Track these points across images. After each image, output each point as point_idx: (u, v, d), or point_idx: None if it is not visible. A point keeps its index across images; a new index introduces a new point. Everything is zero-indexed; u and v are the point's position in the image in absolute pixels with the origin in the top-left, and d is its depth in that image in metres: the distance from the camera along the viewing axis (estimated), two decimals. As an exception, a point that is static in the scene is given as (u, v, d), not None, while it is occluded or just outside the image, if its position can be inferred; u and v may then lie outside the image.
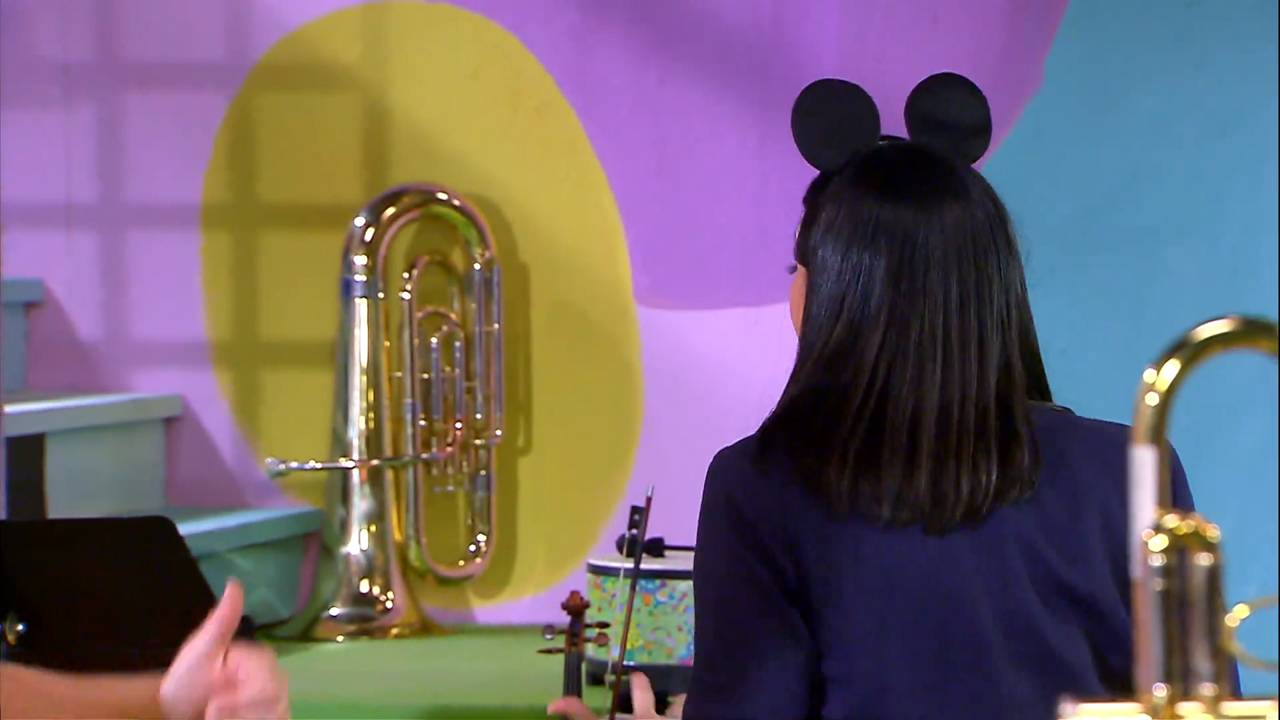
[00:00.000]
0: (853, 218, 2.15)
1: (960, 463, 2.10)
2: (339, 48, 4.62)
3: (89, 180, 4.67)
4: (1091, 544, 2.15)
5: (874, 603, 2.11)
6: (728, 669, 2.13)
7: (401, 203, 4.57)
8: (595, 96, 4.60)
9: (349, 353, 4.55)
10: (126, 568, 2.75)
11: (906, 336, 2.10)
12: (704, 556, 2.20)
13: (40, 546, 2.76)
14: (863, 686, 2.11)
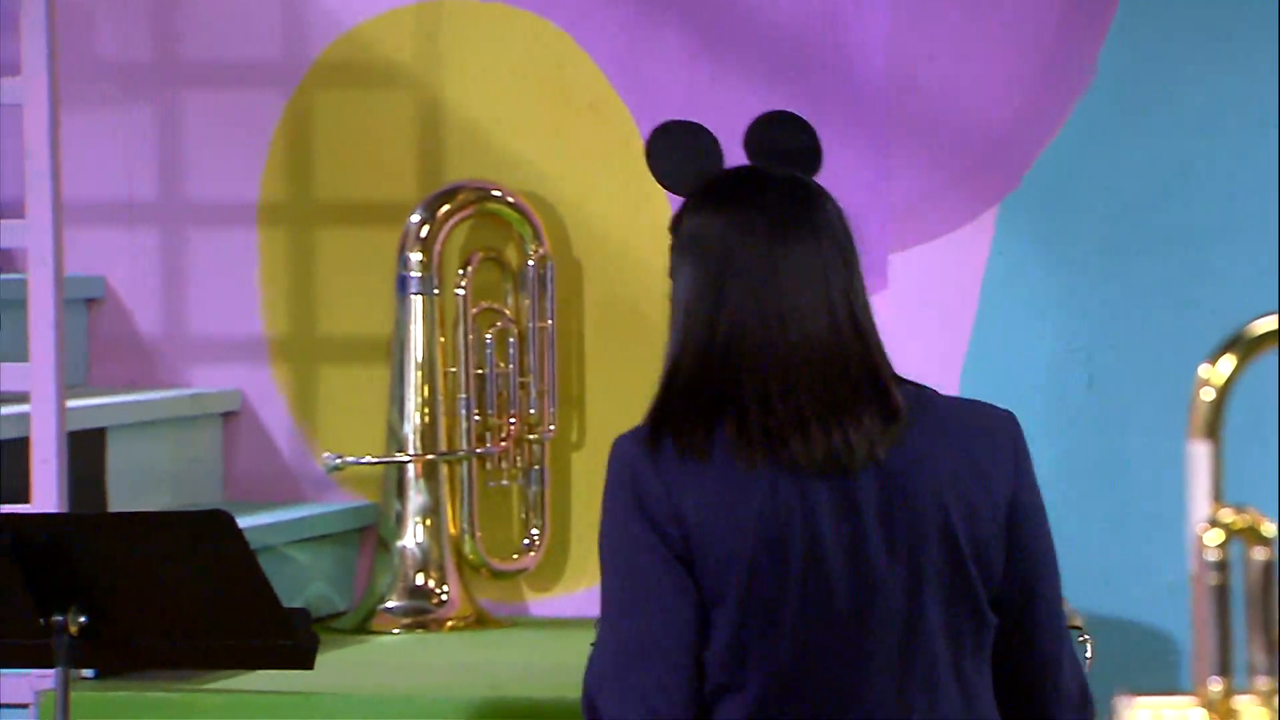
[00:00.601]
0: (696, 231, 2.44)
1: (828, 423, 2.38)
2: (394, 46, 4.65)
3: (149, 178, 4.71)
4: (930, 509, 2.39)
5: (744, 556, 2.39)
6: (627, 625, 2.41)
7: (456, 200, 4.61)
8: (647, 94, 4.63)
9: (404, 348, 4.58)
10: (186, 561, 2.78)
11: (764, 311, 2.37)
12: (607, 530, 2.48)
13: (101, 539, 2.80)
14: (732, 631, 2.39)
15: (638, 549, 2.41)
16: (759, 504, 2.40)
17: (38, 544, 2.75)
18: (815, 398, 2.40)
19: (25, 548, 2.75)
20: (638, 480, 2.44)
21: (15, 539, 2.74)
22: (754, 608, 2.40)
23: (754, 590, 2.40)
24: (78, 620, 2.78)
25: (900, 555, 2.39)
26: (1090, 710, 2.50)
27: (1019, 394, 4.44)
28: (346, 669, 4.10)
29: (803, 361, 2.40)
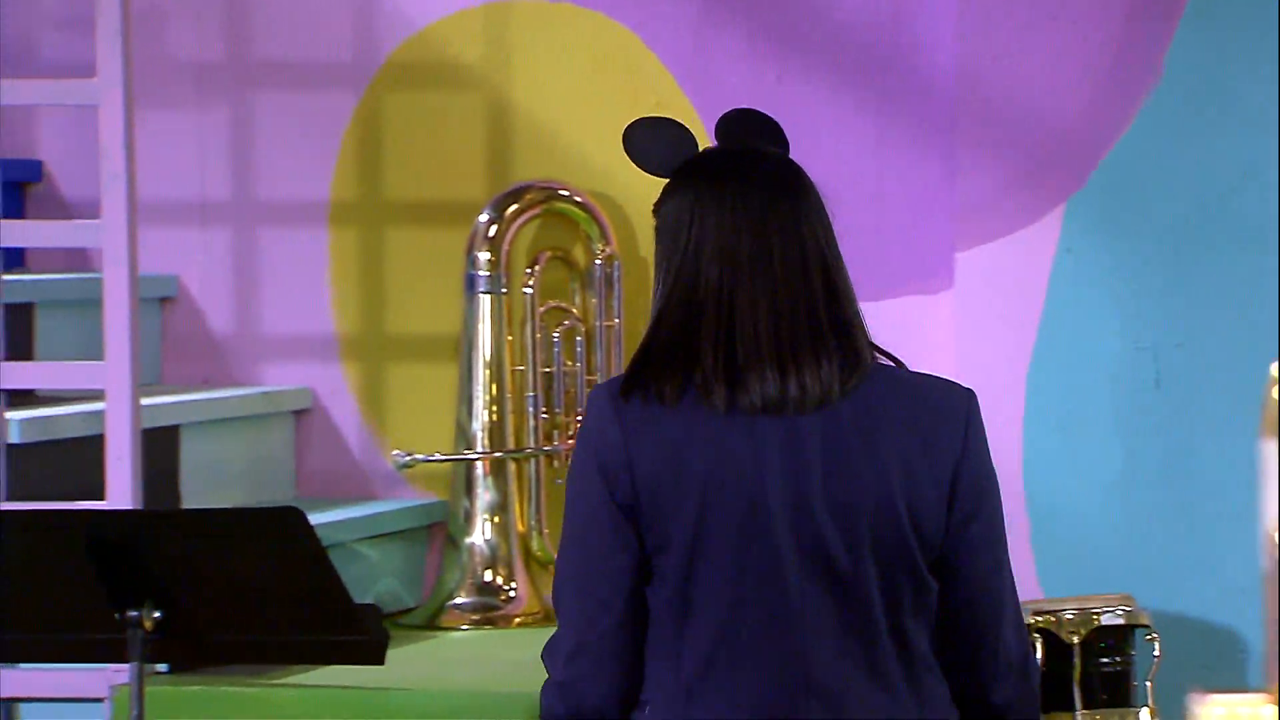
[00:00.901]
0: (680, 200, 2.59)
1: (785, 364, 2.46)
2: (463, 47, 4.68)
3: (222, 178, 4.76)
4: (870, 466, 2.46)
5: (690, 506, 2.48)
6: (568, 568, 2.57)
7: (524, 199, 4.64)
8: (713, 93, 4.65)
9: (473, 347, 4.61)
10: (258, 557, 2.81)
11: (740, 269, 2.48)
12: (571, 474, 2.61)
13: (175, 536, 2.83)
14: (676, 581, 2.50)
15: (587, 497, 2.53)
16: (709, 451, 2.48)
17: (112, 540, 2.78)
18: (775, 337, 2.47)
19: (100, 544, 2.79)
20: (600, 429, 2.52)
21: (90, 535, 2.77)
22: (697, 557, 2.48)
23: (697, 540, 2.48)
24: (152, 615, 2.81)
25: (839, 509, 2.47)
26: (1033, 679, 2.55)
27: (1085, 393, 4.44)
28: (415, 664, 4.13)
29: (769, 305, 2.48)
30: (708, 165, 2.61)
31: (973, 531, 2.52)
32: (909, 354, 4.88)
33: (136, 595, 2.85)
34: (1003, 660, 2.53)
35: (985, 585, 2.53)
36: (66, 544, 2.82)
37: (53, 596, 2.87)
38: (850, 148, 4.61)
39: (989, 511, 2.56)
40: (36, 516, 2.87)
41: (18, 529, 2.85)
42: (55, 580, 2.85)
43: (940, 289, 4.58)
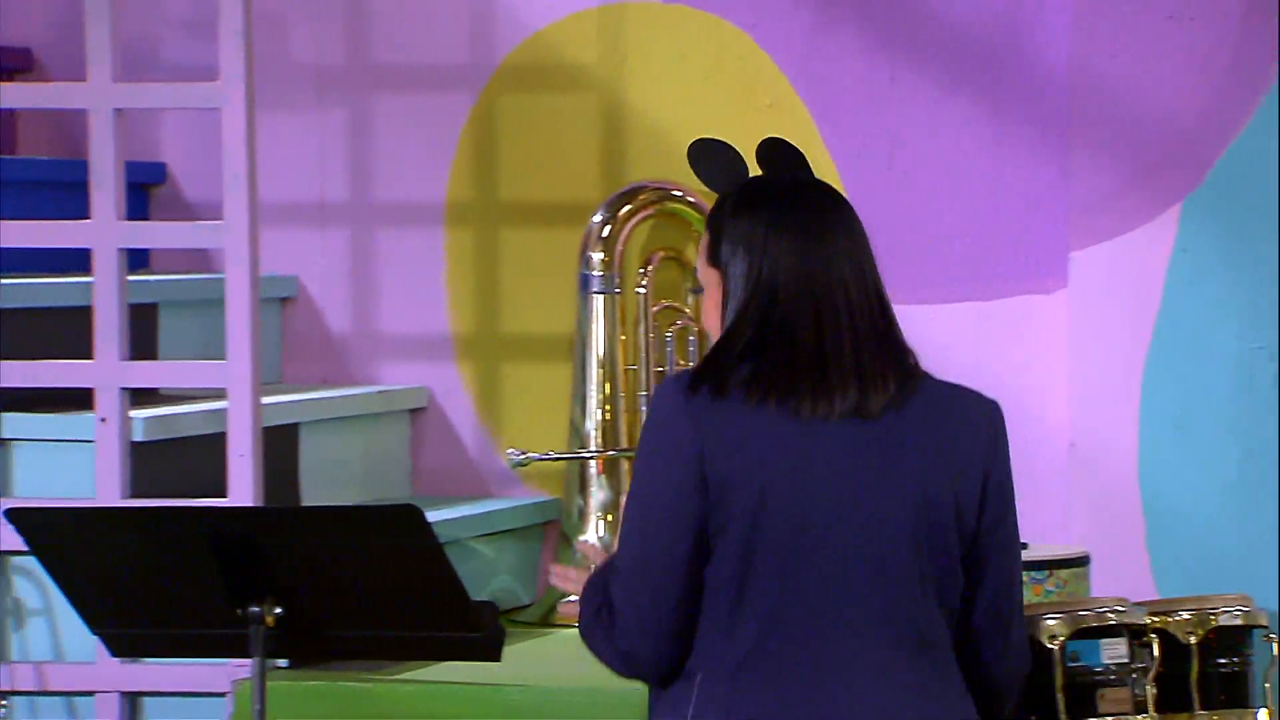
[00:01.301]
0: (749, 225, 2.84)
1: (862, 379, 2.76)
2: (578, 49, 4.70)
3: (340, 180, 4.80)
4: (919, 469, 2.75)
5: (754, 491, 2.71)
6: (631, 551, 2.75)
7: (638, 200, 4.65)
8: (827, 93, 4.65)
9: (587, 346, 4.63)
10: (377, 554, 2.83)
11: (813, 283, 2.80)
12: (637, 456, 2.80)
13: (295, 533, 2.86)
14: (734, 563, 2.72)
15: (657, 481, 2.75)
16: (775, 447, 2.73)
17: (234, 537, 2.81)
18: (855, 355, 2.77)
19: (222, 541, 2.82)
20: (672, 417, 2.75)
21: (213, 532, 2.80)
22: (756, 543, 2.72)
23: (755, 528, 2.72)
24: (273, 611, 2.83)
25: (892, 506, 2.75)
26: (1027, 662, 2.89)
27: (1202, 393, 4.42)
28: (530, 661, 4.15)
29: (846, 325, 2.79)
30: (774, 192, 2.89)
31: (1002, 532, 2.82)
32: (1022, 354, 4.89)
33: (258, 591, 2.88)
34: (1015, 644, 2.85)
35: (1012, 580, 2.83)
36: (190, 541, 2.85)
37: (176, 592, 2.90)
38: (964, 147, 4.60)
39: (1013, 513, 2.87)
40: (160, 514, 2.91)
41: (142, 526, 2.89)
42: (178, 576, 2.89)
43: (1054, 288, 4.57)
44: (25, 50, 4.91)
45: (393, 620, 2.90)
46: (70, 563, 2.89)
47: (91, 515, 2.94)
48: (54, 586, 3.10)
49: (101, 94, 4.06)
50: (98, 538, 2.87)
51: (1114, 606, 3.33)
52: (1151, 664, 3.30)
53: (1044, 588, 3.92)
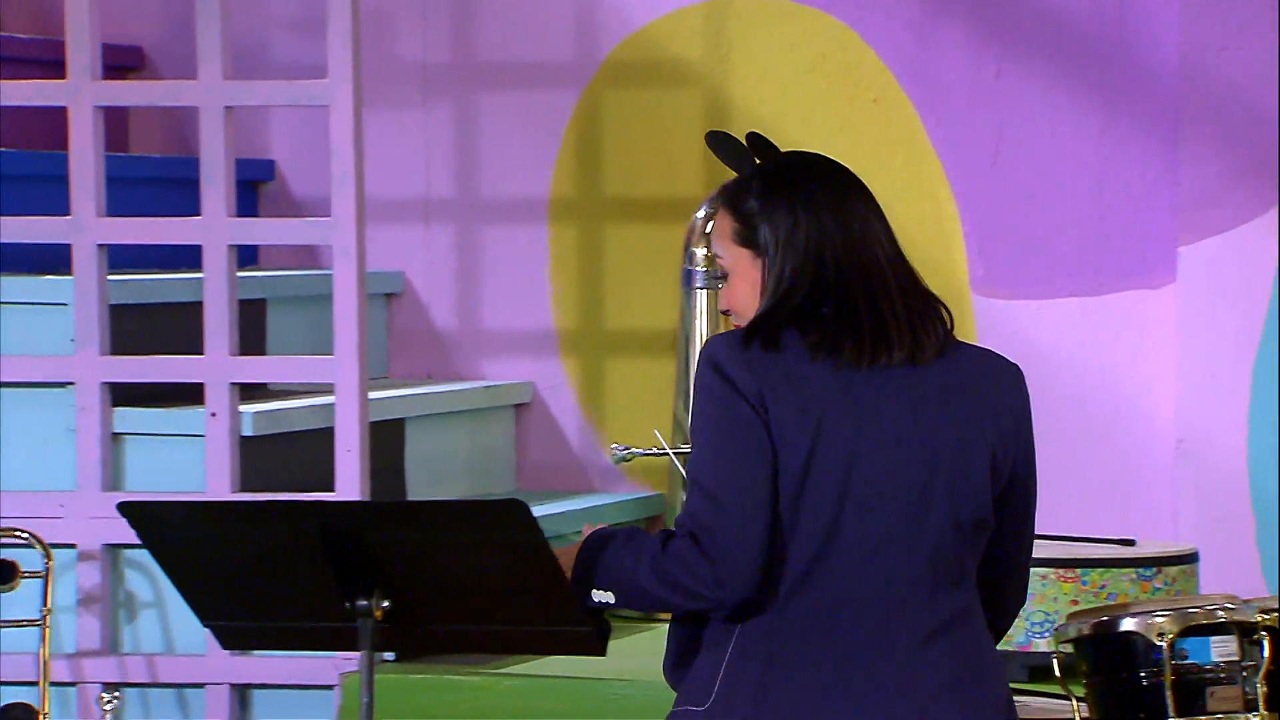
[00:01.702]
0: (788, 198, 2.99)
1: (914, 328, 2.91)
2: (682, 44, 4.71)
3: (445, 176, 4.82)
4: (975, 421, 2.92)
5: (808, 434, 2.87)
6: (716, 476, 2.86)
7: (741, 195, 4.65)
8: (932, 88, 4.64)
9: (690, 341, 4.64)
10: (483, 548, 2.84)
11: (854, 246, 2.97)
12: (699, 405, 2.90)
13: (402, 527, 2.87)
14: (789, 495, 2.86)
15: (733, 427, 2.87)
16: (828, 393, 2.89)
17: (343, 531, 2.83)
18: (905, 308, 2.93)
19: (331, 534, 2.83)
20: (732, 369, 2.88)
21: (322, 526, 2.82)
22: (807, 482, 2.87)
23: (809, 467, 2.87)
24: (380, 605, 2.85)
25: (938, 448, 2.90)
26: (1024, 598, 3.09)
27: (1311, 388, 4.38)
28: (635, 656, 4.16)
29: (892, 281, 2.95)
30: (794, 171, 3.06)
31: (1027, 480, 2.99)
32: (1129, 350, 4.85)
33: (366, 585, 2.89)
34: (1019, 585, 3.04)
35: (1029, 522, 3.02)
36: (299, 535, 2.87)
37: (285, 585, 2.92)
38: (1071, 141, 4.58)
39: (1033, 466, 3.04)
40: (271, 507, 2.92)
41: (253, 520, 2.91)
42: (288, 570, 2.90)
43: (1162, 283, 4.54)
44: (137, 49, 4.96)
45: (498, 614, 2.91)
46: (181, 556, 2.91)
47: (203, 509, 2.97)
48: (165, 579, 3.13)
49: (212, 92, 4.10)
50: (208, 531, 2.89)
51: (1223, 604, 3.31)
52: (1261, 662, 3.28)
53: (1152, 585, 3.90)
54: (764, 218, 2.97)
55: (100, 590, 4.13)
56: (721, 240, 3.01)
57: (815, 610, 2.85)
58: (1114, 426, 4.57)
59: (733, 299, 2.98)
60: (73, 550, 4.13)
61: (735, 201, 3.02)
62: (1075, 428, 4.59)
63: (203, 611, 2.97)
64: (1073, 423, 4.60)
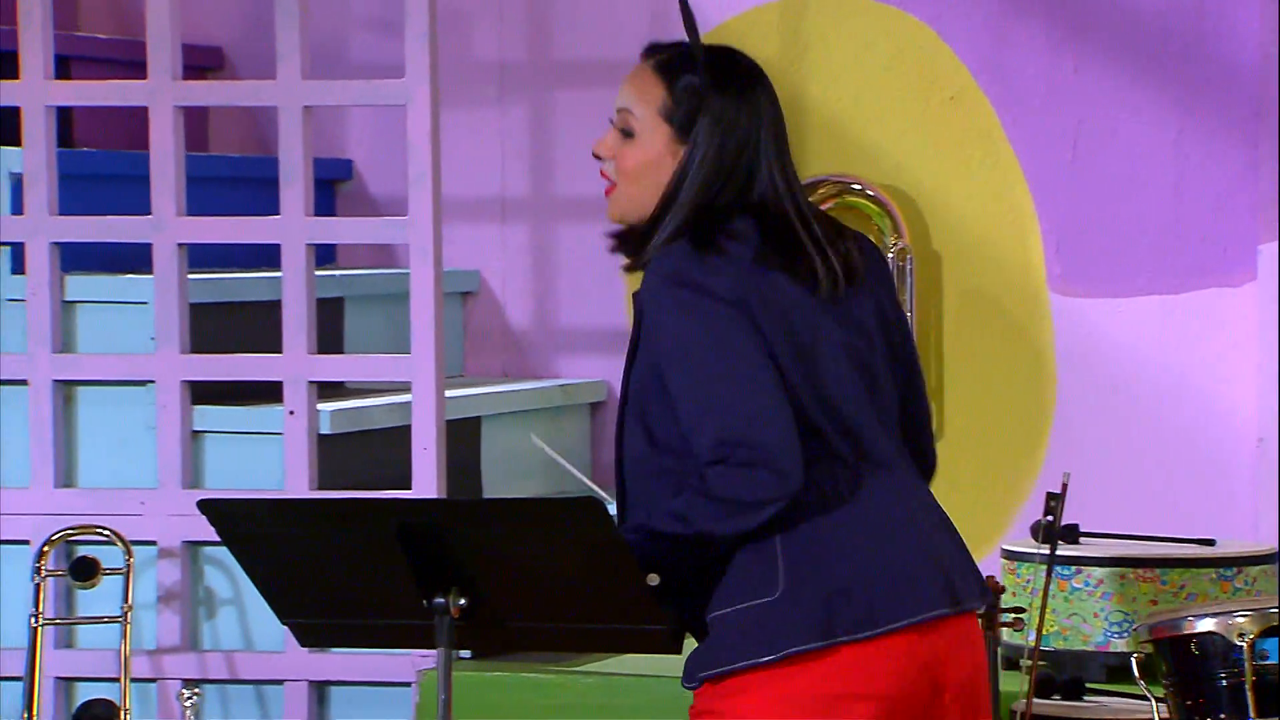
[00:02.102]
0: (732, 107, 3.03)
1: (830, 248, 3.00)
2: (758, 42, 4.70)
3: (521, 175, 4.83)
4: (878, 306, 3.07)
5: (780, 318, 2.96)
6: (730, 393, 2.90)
7: (817, 193, 4.65)
8: (1010, 85, 4.62)
9: (765, 340, 4.63)
10: (559, 547, 2.85)
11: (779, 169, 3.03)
12: (671, 328, 2.93)
13: (479, 525, 2.88)
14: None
15: (730, 335, 2.92)
16: (788, 290, 2.98)
17: (420, 528, 2.84)
18: (820, 219, 3.04)
19: (409, 532, 2.85)
20: (700, 274, 2.92)
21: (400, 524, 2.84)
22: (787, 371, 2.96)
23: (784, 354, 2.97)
24: (457, 602, 2.86)
25: (873, 324, 3.04)
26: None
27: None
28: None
29: (804, 200, 3.05)
30: (746, 78, 3.07)
31: (913, 344, 3.16)
32: (1209, 348, 4.83)
33: (443, 582, 2.90)
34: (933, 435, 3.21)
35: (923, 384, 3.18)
36: (377, 532, 2.88)
37: (363, 583, 2.93)
38: (1150, 139, 4.55)
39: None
40: (349, 505, 2.94)
41: (331, 517, 2.93)
42: (365, 567, 2.92)
43: (1242, 281, 4.51)
44: (216, 49, 4.99)
45: (574, 612, 2.91)
46: (260, 553, 2.93)
47: (281, 507, 2.98)
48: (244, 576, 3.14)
49: (291, 92, 4.12)
50: (287, 528, 2.91)
51: (1304, 604, 3.29)
52: (1342, 663, 3.26)
53: (1232, 585, 3.87)
54: (707, 111, 2.96)
55: (180, 587, 4.16)
56: (643, 103, 2.99)
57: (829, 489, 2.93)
58: (1193, 425, 4.55)
59: (631, 163, 2.97)
60: (153, 547, 4.16)
61: (671, 73, 3.02)
62: (1154, 426, 4.57)
63: (281, 609, 2.98)
64: (1152, 422, 4.57)
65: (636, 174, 2.98)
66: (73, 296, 4.22)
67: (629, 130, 3.00)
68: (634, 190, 2.99)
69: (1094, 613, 3.91)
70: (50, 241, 4.17)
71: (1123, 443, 4.58)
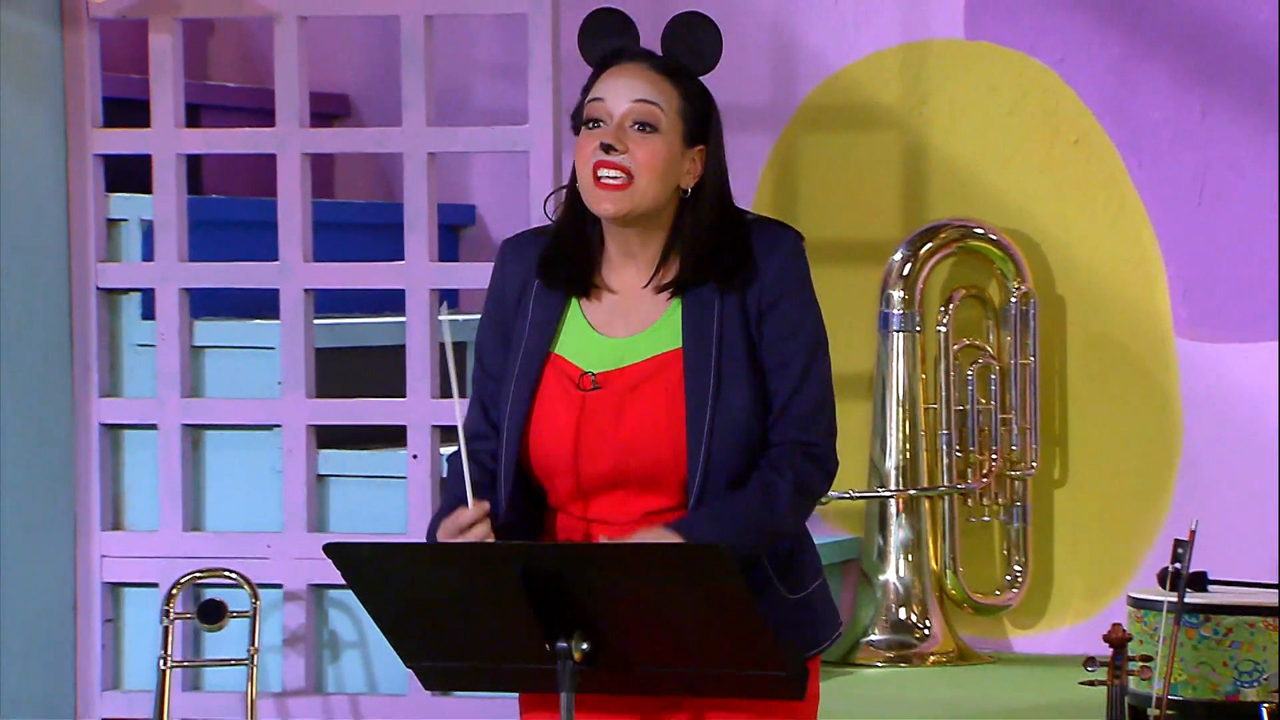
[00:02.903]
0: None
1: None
2: (879, 87, 4.71)
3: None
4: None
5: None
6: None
7: (939, 238, 4.64)
8: (1135, 129, 4.60)
9: (886, 385, 4.62)
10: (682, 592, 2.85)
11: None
12: (815, 306, 3.06)
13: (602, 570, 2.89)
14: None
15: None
16: None
17: (544, 573, 2.85)
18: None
19: (531, 576, 2.85)
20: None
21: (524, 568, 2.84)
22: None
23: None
24: (580, 647, 2.86)
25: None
26: None
27: None
28: (832, 700, 4.15)
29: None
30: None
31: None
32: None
33: (566, 627, 2.91)
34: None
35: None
36: (500, 576, 2.89)
37: (486, 627, 2.94)
38: (1277, 182, 4.52)
39: None
40: (473, 549, 2.95)
41: (454, 561, 2.94)
42: (489, 611, 2.92)
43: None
44: (342, 96, 5.03)
45: (697, 657, 2.91)
46: (385, 597, 2.94)
47: (406, 551, 2.99)
48: (367, 619, 3.16)
49: (416, 138, 4.15)
50: (412, 572, 2.92)
51: None
52: None
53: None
54: (715, 122, 2.97)
55: (305, 630, 4.18)
56: (664, 99, 2.94)
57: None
58: (1322, 472, 4.50)
59: (660, 158, 2.91)
60: (279, 590, 4.19)
61: (683, 76, 3.00)
62: (1282, 473, 4.52)
63: (405, 652, 2.99)
64: (1277, 466, 4.53)
65: (662, 169, 2.91)
66: (201, 341, 4.25)
67: (652, 124, 2.93)
68: (655, 187, 2.92)
69: (1223, 661, 3.87)
70: (180, 288, 4.22)
71: (1251, 489, 4.53)
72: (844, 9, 4.69)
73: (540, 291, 3.02)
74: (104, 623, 4.22)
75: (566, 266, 2.99)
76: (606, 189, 2.93)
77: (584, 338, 2.99)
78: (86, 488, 4.22)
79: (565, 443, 2.97)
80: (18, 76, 4.13)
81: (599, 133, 2.96)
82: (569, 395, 2.97)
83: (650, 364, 2.95)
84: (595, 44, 3.05)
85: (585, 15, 3.01)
